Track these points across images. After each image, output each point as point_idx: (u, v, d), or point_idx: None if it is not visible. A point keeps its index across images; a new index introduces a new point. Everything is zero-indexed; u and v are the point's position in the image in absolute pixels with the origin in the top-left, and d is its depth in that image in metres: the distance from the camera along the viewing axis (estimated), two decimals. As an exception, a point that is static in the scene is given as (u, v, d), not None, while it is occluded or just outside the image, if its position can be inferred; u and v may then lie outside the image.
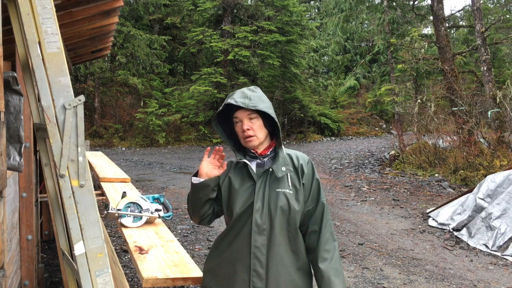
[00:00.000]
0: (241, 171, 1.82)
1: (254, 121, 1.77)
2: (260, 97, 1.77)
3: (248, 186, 1.78)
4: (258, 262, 1.72)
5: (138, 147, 18.10)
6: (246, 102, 1.72)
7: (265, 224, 1.73)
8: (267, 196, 1.74)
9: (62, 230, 2.05)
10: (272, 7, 19.12)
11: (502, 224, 5.34)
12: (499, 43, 17.51)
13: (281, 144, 1.82)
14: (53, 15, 1.59)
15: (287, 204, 1.74)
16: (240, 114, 1.77)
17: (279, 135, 1.81)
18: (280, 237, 1.75)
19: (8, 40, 3.39)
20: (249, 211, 1.74)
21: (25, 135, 2.92)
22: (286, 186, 1.76)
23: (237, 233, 1.77)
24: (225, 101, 1.79)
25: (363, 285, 4.21)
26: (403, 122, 15.37)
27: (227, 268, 1.78)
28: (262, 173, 1.78)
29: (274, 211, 1.73)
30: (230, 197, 1.80)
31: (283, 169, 1.77)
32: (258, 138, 1.78)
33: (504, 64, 24.43)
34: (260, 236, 1.73)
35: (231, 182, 1.81)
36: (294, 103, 20.73)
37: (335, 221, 6.53)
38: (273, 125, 1.84)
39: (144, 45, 18.90)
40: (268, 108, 1.76)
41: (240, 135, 1.80)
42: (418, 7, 18.46)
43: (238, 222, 1.77)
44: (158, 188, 8.89)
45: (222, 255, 1.81)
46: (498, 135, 10.19)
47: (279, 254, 1.75)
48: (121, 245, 5.21)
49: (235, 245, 1.77)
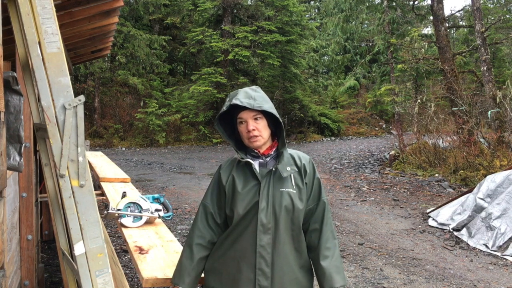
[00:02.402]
0: (243, 170, 1.83)
1: (259, 121, 1.79)
2: (263, 97, 1.79)
3: (252, 185, 1.79)
4: (263, 261, 1.74)
5: (138, 147, 18.10)
6: (251, 103, 1.73)
7: (270, 224, 1.75)
8: (271, 196, 1.76)
9: (62, 230, 2.05)
10: (272, 7, 19.12)
11: (502, 224, 5.34)
12: (499, 43, 17.52)
13: (285, 144, 1.84)
14: (53, 15, 1.59)
15: (291, 203, 1.77)
16: (245, 115, 1.78)
17: (282, 135, 1.83)
18: (284, 236, 1.77)
19: (8, 40, 3.40)
20: (253, 210, 1.76)
21: (25, 135, 2.92)
22: (289, 185, 1.78)
23: (242, 232, 1.78)
24: (228, 101, 1.79)
25: (363, 285, 4.21)
26: (403, 122, 15.37)
27: (231, 267, 1.79)
28: (266, 173, 1.79)
29: (278, 211, 1.76)
30: (234, 197, 1.80)
31: (288, 169, 1.79)
32: (263, 138, 1.80)
33: (504, 64, 24.44)
34: (266, 235, 1.75)
35: (234, 182, 1.81)
36: (294, 103, 20.73)
37: (335, 221, 6.53)
38: (276, 125, 1.85)
39: (144, 45, 18.89)
40: (272, 109, 1.78)
41: (244, 135, 1.81)
42: (418, 7, 18.46)
43: (243, 222, 1.78)
44: (158, 188, 8.89)
45: (225, 254, 1.81)
46: (498, 135, 10.19)
47: (283, 253, 1.77)
48: (121, 245, 5.21)
49: (240, 244, 1.78)
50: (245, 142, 1.83)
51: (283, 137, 1.83)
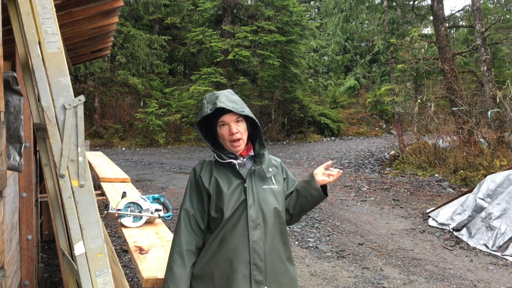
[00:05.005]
0: (224, 171, 1.88)
1: (240, 124, 1.87)
2: (241, 101, 1.90)
3: (236, 185, 1.84)
4: (257, 256, 1.79)
5: (138, 147, 18.10)
6: (235, 107, 1.82)
7: (259, 219, 1.82)
8: (256, 193, 1.84)
9: (62, 230, 2.05)
10: (272, 7, 19.12)
11: (502, 224, 5.34)
12: (499, 43, 17.52)
13: (264, 145, 1.94)
14: (53, 15, 1.59)
15: (275, 198, 1.88)
16: (227, 118, 1.84)
17: (261, 136, 1.93)
18: (273, 229, 1.85)
19: (8, 40, 3.40)
20: (241, 208, 1.81)
21: (25, 135, 2.92)
22: (270, 183, 1.90)
23: (231, 231, 1.80)
24: (209, 104, 1.83)
25: (363, 285, 4.21)
26: (403, 122, 15.37)
27: (224, 268, 1.79)
28: (248, 172, 1.87)
29: (265, 206, 1.84)
30: (220, 198, 1.82)
31: (270, 170, 1.92)
32: (244, 141, 1.89)
33: (504, 64, 24.44)
34: (256, 231, 1.80)
35: (218, 183, 1.84)
36: (294, 103, 20.73)
37: (335, 221, 6.53)
38: (252, 127, 1.95)
39: (144, 45, 18.90)
40: (251, 113, 1.89)
41: (226, 138, 1.87)
42: (418, 7, 18.44)
43: (230, 221, 1.80)
44: (158, 188, 8.89)
45: (215, 256, 1.81)
46: (498, 135, 10.19)
47: (274, 246, 1.85)
48: (121, 245, 5.21)
49: (230, 243, 1.79)
50: (226, 144, 1.88)
51: (262, 139, 1.93)
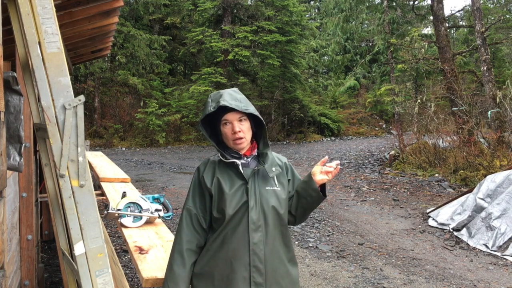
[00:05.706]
0: (227, 171, 1.86)
1: (244, 123, 1.84)
2: (246, 99, 1.86)
3: (238, 185, 1.82)
4: (257, 258, 1.78)
5: (138, 147, 18.10)
6: (239, 105, 1.79)
7: (260, 221, 1.80)
8: (258, 194, 1.82)
9: (62, 230, 2.05)
10: (272, 7, 19.12)
11: (502, 224, 5.34)
12: (499, 43, 17.52)
13: (268, 145, 1.90)
14: (53, 15, 1.59)
15: (277, 200, 1.84)
16: (230, 117, 1.82)
17: (265, 136, 1.89)
18: (274, 232, 1.83)
19: (8, 40, 3.40)
20: (242, 210, 1.79)
21: (25, 135, 2.92)
22: (273, 184, 1.87)
23: (232, 232, 1.79)
24: (213, 103, 1.82)
25: (363, 285, 4.21)
26: (403, 122, 15.36)
27: (224, 268, 1.79)
28: (250, 173, 1.84)
29: (266, 208, 1.82)
30: (222, 198, 1.81)
31: (273, 170, 1.88)
32: (247, 140, 1.86)
33: (504, 64, 24.44)
34: (257, 233, 1.79)
35: (220, 183, 1.83)
36: (294, 103, 20.73)
37: (335, 221, 6.53)
38: (257, 127, 1.92)
39: (144, 45, 18.90)
40: (256, 111, 1.84)
41: (229, 137, 1.85)
42: (418, 7, 18.44)
43: (232, 222, 1.79)
44: (158, 188, 8.89)
45: (216, 256, 1.81)
46: (498, 135, 10.18)
47: (275, 248, 1.83)
48: (121, 245, 5.21)
49: (231, 244, 1.79)
50: (229, 143, 1.86)
51: (266, 138, 1.89)
